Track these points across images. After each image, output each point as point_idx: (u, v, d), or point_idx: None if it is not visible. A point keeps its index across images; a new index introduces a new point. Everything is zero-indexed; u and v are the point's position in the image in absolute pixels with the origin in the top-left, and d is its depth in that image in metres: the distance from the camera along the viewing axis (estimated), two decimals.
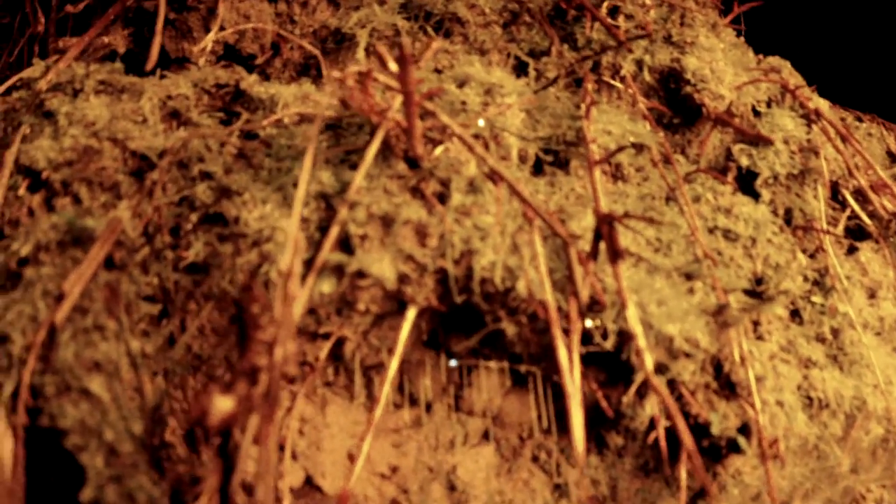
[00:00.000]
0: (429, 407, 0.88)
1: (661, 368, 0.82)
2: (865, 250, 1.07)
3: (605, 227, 0.76)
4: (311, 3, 1.02)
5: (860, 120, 1.23)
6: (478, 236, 0.74)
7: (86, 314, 0.65)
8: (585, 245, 0.82)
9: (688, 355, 0.82)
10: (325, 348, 0.83)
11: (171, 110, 0.85)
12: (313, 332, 0.82)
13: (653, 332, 0.78)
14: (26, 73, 0.92)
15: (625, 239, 0.87)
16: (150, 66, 0.85)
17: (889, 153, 1.18)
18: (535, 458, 0.91)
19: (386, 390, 0.77)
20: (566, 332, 0.72)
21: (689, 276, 0.87)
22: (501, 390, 0.89)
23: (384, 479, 0.86)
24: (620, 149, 0.78)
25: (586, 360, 0.80)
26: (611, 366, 0.83)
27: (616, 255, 0.74)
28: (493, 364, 0.83)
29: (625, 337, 0.76)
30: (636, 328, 0.70)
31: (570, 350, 0.71)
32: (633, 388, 0.81)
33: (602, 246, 0.77)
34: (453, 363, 0.84)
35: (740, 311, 0.86)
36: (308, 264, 0.73)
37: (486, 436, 0.90)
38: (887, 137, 1.19)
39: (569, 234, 0.78)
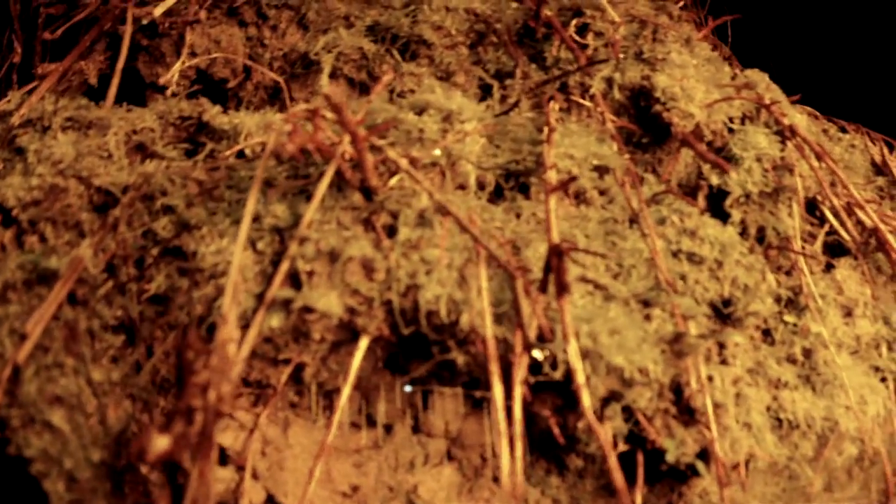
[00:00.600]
0: (389, 428, 0.91)
1: (615, 396, 0.83)
2: (843, 267, 1.06)
3: (555, 259, 0.77)
4: (281, 27, 1.04)
5: (844, 131, 1.21)
6: (423, 270, 0.76)
7: (47, 352, 0.69)
8: (538, 275, 0.83)
9: (644, 384, 0.83)
10: (285, 373, 0.86)
11: (136, 144, 0.88)
12: (273, 357, 0.86)
13: (603, 363, 0.79)
14: (1, 106, 0.96)
15: (581, 267, 0.88)
16: (109, 101, 0.88)
17: (873, 164, 1.15)
18: (496, 479, 0.94)
19: (338, 415, 0.80)
20: (509, 365, 0.74)
21: (646, 303, 0.87)
22: (460, 413, 0.91)
23: (345, 498, 0.89)
24: (573, 178, 0.79)
25: (540, 386, 0.82)
26: (565, 391, 0.84)
27: (562, 288, 0.75)
28: (447, 390, 0.86)
29: (574, 374, 0.78)
30: (576, 365, 0.71)
31: (510, 385, 0.72)
32: (584, 418, 0.83)
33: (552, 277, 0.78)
34: (408, 388, 0.87)
35: (699, 337, 0.86)
36: (260, 298, 0.76)
37: (448, 456, 0.93)
38: (871, 148, 1.16)
39: (517, 267, 0.79)
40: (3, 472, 0.72)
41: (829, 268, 1.07)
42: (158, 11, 1.02)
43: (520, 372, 0.75)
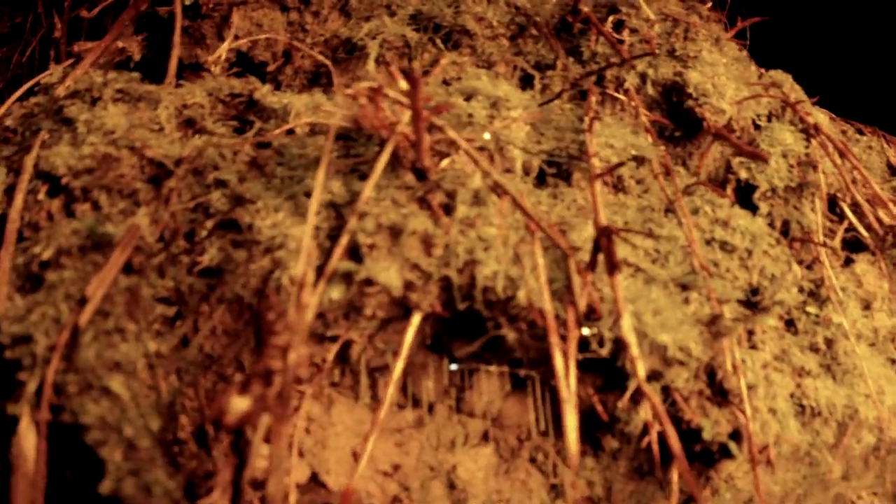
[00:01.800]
0: (431, 408, 0.93)
1: (655, 375, 0.87)
2: (861, 262, 1.11)
3: (604, 239, 0.81)
4: (323, 12, 1.06)
5: (861, 133, 1.27)
6: (481, 247, 0.79)
7: (107, 317, 0.70)
8: (585, 256, 0.87)
9: (681, 363, 0.86)
10: (332, 351, 0.88)
11: (186, 118, 0.90)
12: (321, 334, 0.87)
13: (647, 341, 0.83)
14: (44, 79, 0.96)
15: (624, 250, 0.92)
16: (168, 79, 0.90)
17: (889, 166, 1.22)
18: (532, 459, 0.96)
19: (391, 392, 0.82)
20: (563, 339, 0.77)
21: (684, 287, 0.91)
22: (501, 393, 0.93)
23: (386, 477, 0.91)
24: (620, 164, 0.82)
25: (583, 365, 0.85)
26: (607, 372, 0.87)
27: (613, 266, 0.79)
28: (493, 368, 0.88)
29: (620, 345, 0.81)
30: (630, 338, 0.74)
31: (566, 357, 0.75)
32: (627, 394, 0.86)
33: (600, 257, 0.82)
34: (454, 367, 0.89)
35: (734, 321, 0.90)
36: (319, 271, 0.78)
37: (485, 437, 0.95)
38: (888, 150, 1.23)
39: (569, 246, 0.82)
40: (56, 440, 0.72)
41: (848, 262, 1.13)
42: None
43: (573, 346, 0.78)
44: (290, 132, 0.92)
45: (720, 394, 0.93)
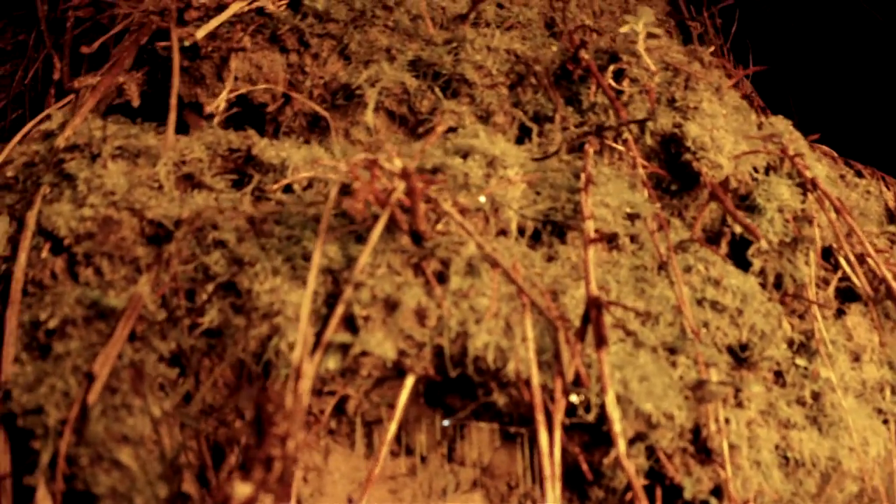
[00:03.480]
0: (424, 458, 0.99)
1: (640, 437, 0.93)
2: (853, 313, 1.16)
3: (594, 311, 0.86)
4: (322, 55, 1.09)
5: (860, 175, 1.31)
6: (473, 318, 0.84)
7: (114, 393, 0.76)
8: (576, 319, 0.92)
9: (666, 426, 0.92)
10: (329, 404, 0.94)
11: (185, 174, 0.94)
12: (319, 389, 0.93)
13: (632, 408, 0.88)
14: (43, 125, 1.01)
15: (616, 312, 0.96)
16: (168, 135, 0.93)
17: (888, 210, 1.26)
18: None
19: (385, 447, 0.88)
20: (549, 410, 0.83)
21: (672, 351, 0.97)
22: (492, 445, 1.00)
23: None
24: (612, 235, 0.87)
25: (571, 425, 0.90)
26: (593, 429, 0.93)
27: (601, 341, 0.84)
28: (484, 425, 0.94)
29: (605, 411, 0.87)
30: (613, 413, 0.80)
31: (551, 426, 0.81)
32: (610, 457, 0.92)
33: (591, 326, 0.87)
34: (447, 423, 0.95)
35: (720, 384, 0.96)
36: (317, 338, 0.83)
37: (475, 484, 1.02)
38: (886, 194, 1.26)
39: (559, 316, 0.87)
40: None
41: (840, 313, 1.18)
42: (201, 34, 1.07)
43: (559, 416, 0.84)
44: (289, 187, 0.96)
45: (703, 451, 0.98)
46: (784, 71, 1.57)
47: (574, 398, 0.87)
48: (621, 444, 0.80)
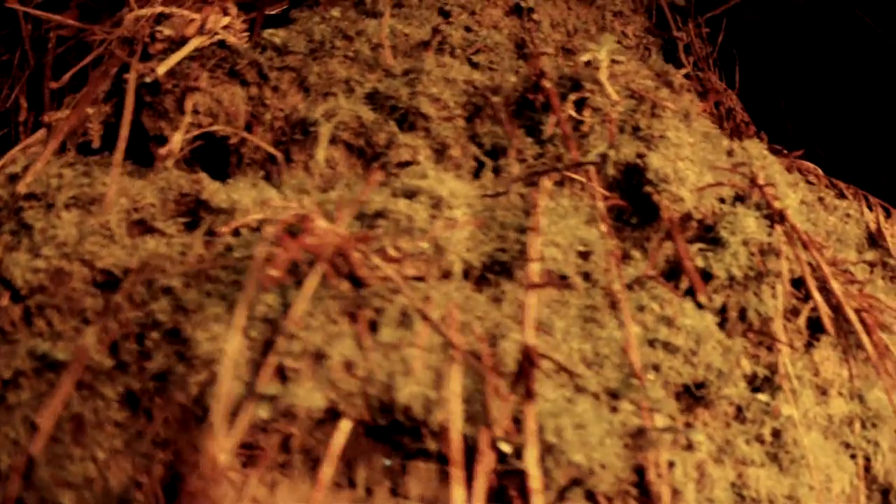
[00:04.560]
0: (369, 491, 1.03)
1: (576, 482, 0.94)
2: (823, 346, 1.14)
3: (526, 364, 0.87)
4: (282, 87, 1.11)
5: (842, 195, 1.26)
6: (401, 370, 0.87)
7: (57, 443, 0.82)
8: (514, 364, 0.93)
9: (601, 474, 0.94)
10: (274, 440, 0.99)
11: (137, 220, 0.98)
12: (263, 427, 0.98)
13: (564, 458, 0.90)
14: (8, 167, 1.06)
15: (560, 353, 0.97)
16: (113, 173, 0.97)
17: (869, 234, 1.21)
18: None
19: (321, 488, 0.92)
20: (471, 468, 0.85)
21: (615, 396, 0.97)
22: (437, 482, 1.03)
23: None
24: (556, 280, 0.87)
25: (507, 473, 0.93)
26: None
27: (528, 395, 0.85)
28: (422, 465, 0.98)
29: (530, 480, 0.89)
30: (531, 471, 0.82)
31: (471, 478, 0.84)
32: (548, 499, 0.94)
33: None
34: (387, 463, 0.99)
35: (662, 430, 0.96)
36: (250, 386, 0.88)
37: None
38: (868, 216, 1.21)
39: (490, 367, 0.89)
40: None
41: (810, 345, 1.15)
42: (161, 70, 1.09)
43: (485, 466, 0.86)
44: (237, 232, 1.00)
45: (647, 494, 1.00)
46: (776, 79, 1.51)
47: (506, 447, 0.89)
48: (538, 501, 0.82)
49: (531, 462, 0.82)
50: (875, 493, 1.18)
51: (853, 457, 1.16)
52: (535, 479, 0.82)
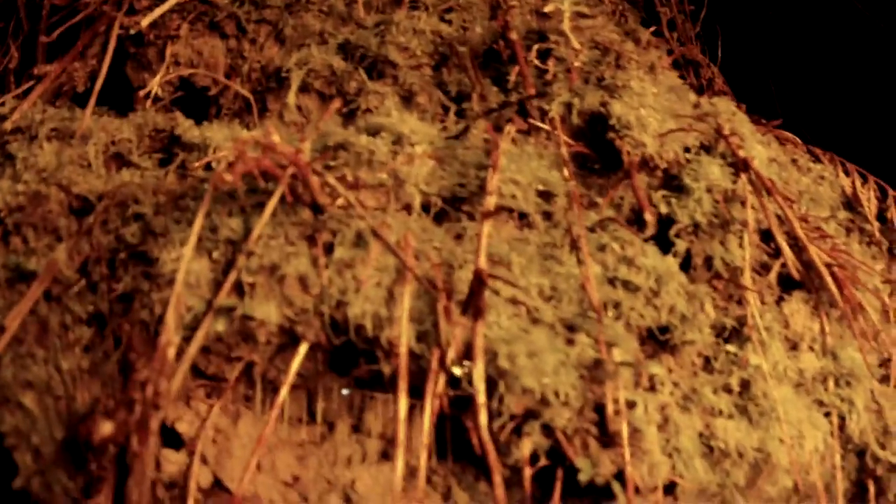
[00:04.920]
0: (331, 426, 1.05)
1: (532, 414, 0.95)
2: (794, 300, 1.13)
3: (476, 283, 0.89)
4: (259, 40, 1.17)
5: (817, 160, 1.27)
6: (353, 287, 0.89)
7: (21, 343, 0.86)
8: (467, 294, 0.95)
9: (562, 403, 0.94)
10: (236, 369, 1.01)
11: (114, 153, 1.03)
12: (227, 355, 1.01)
13: (518, 383, 0.91)
14: None
15: (515, 289, 0.99)
16: (87, 111, 1.03)
17: (844, 196, 1.21)
18: (429, 480, 1.07)
19: (276, 411, 0.94)
20: (424, 381, 0.87)
21: (571, 328, 0.98)
22: (396, 417, 1.04)
23: (287, 487, 1.04)
24: (505, 209, 0.90)
25: (462, 400, 0.94)
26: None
27: (477, 312, 0.87)
28: (380, 395, 0.99)
29: (491, 384, 0.90)
30: (478, 386, 0.83)
31: (423, 396, 0.85)
32: (505, 431, 0.95)
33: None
34: (345, 392, 1.01)
35: (620, 365, 0.97)
36: (209, 305, 0.91)
37: (383, 455, 1.07)
38: (843, 180, 1.22)
39: (442, 288, 0.91)
40: None
41: (780, 300, 1.15)
42: (145, 22, 1.16)
43: (433, 387, 0.88)
44: (209, 166, 1.04)
45: (607, 434, 1.00)
46: (765, 59, 1.53)
47: (458, 371, 0.90)
48: (483, 417, 0.83)
49: (478, 377, 0.84)
50: (850, 453, 1.16)
51: (827, 415, 1.15)
52: (480, 394, 0.83)
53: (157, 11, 1.16)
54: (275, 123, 1.14)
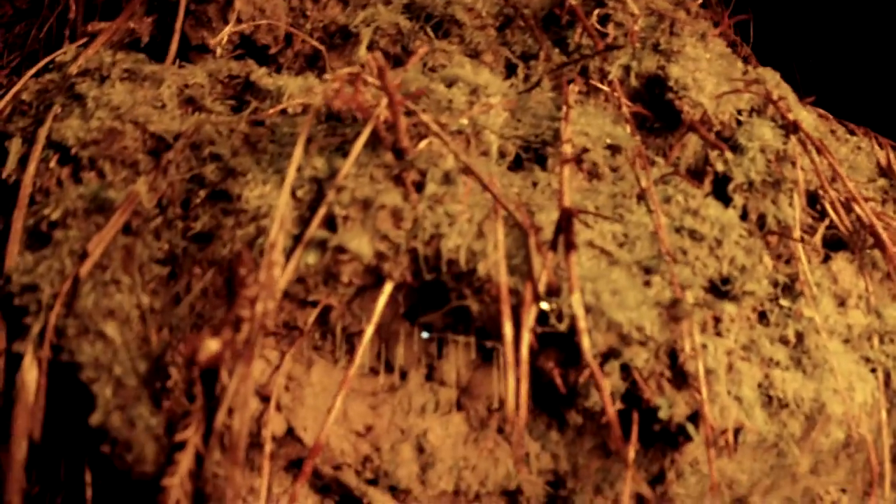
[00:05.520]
0: (404, 375, 1.05)
1: (613, 353, 0.97)
2: (839, 260, 1.20)
3: (564, 220, 0.91)
4: (322, 0, 1.19)
5: (852, 133, 1.35)
6: (447, 222, 0.91)
7: (105, 270, 0.84)
8: (551, 236, 0.98)
9: (640, 343, 0.97)
10: (312, 314, 1.01)
11: (187, 97, 1.03)
12: (302, 299, 1.00)
13: (604, 319, 0.93)
14: (58, 57, 1.11)
15: (591, 234, 1.02)
16: (169, 59, 1.03)
17: (879, 166, 1.30)
18: (500, 430, 1.08)
19: (360, 356, 0.94)
20: (519, 314, 0.88)
21: (648, 271, 1.01)
22: (471, 364, 1.05)
23: (359, 437, 1.03)
24: (584, 151, 0.93)
25: (546, 340, 0.95)
26: (568, 347, 0.98)
27: (569, 245, 0.89)
28: (461, 339, 1.00)
29: (577, 320, 0.92)
30: (578, 311, 0.85)
31: (519, 327, 0.87)
32: (585, 371, 0.97)
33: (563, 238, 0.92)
34: (425, 335, 1.01)
35: (694, 305, 1.00)
36: (298, 239, 0.91)
37: (457, 405, 1.07)
38: (878, 151, 1.30)
39: (531, 225, 0.93)
40: (54, 377, 0.86)
41: (826, 259, 1.21)
42: None
43: (528, 319, 0.89)
44: (283, 112, 1.05)
45: (680, 375, 1.02)
46: (790, 41, 1.63)
47: (545, 306, 0.92)
48: (586, 342, 0.85)
49: (577, 303, 0.86)
50: (895, 408, 1.21)
51: (873, 371, 1.20)
52: (582, 320, 0.85)
53: None
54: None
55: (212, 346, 0.73)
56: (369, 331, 0.94)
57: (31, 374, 0.80)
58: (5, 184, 1.03)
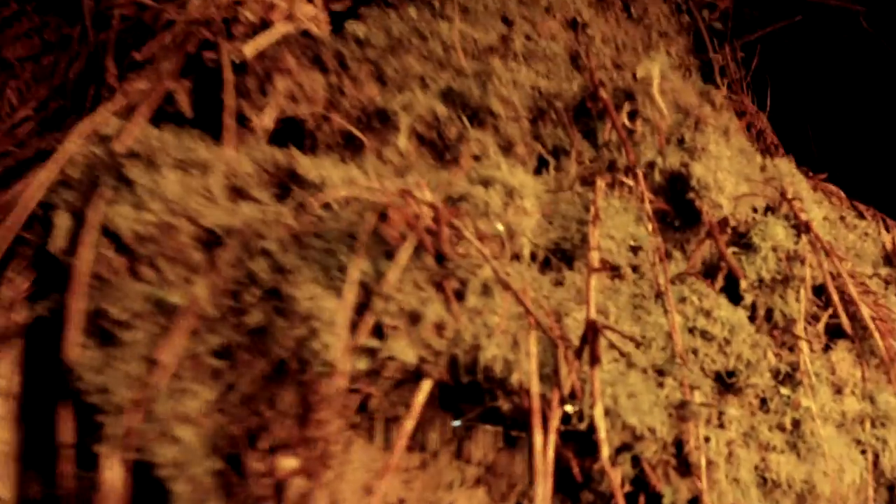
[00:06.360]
0: (435, 454, 1.27)
1: (626, 447, 1.21)
2: (839, 349, 1.44)
3: (590, 333, 1.14)
4: (360, 78, 1.37)
5: (861, 216, 1.58)
6: (485, 333, 1.12)
7: (177, 379, 1.04)
8: (576, 339, 1.20)
9: (651, 439, 1.20)
10: (355, 401, 1.22)
11: (234, 185, 1.22)
12: (347, 388, 1.22)
13: (620, 421, 1.17)
14: (101, 128, 1.28)
15: (612, 335, 1.24)
16: (227, 146, 1.21)
17: (885, 252, 1.53)
18: (519, 503, 1.32)
19: (402, 440, 1.16)
20: (545, 417, 1.11)
21: (661, 373, 1.25)
22: (495, 446, 1.28)
23: None
24: (612, 268, 1.15)
25: (563, 434, 1.19)
26: (586, 439, 1.21)
27: (594, 360, 1.12)
28: (489, 427, 1.22)
29: (598, 430, 1.15)
30: (599, 423, 1.08)
31: (545, 433, 1.09)
32: (599, 464, 1.20)
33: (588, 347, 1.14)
34: (457, 423, 1.23)
35: (701, 406, 1.24)
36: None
37: (479, 481, 1.30)
38: (884, 236, 1.54)
39: (560, 335, 1.15)
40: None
41: (828, 348, 1.46)
42: (249, 52, 1.34)
43: (554, 422, 1.12)
44: (328, 205, 1.24)
45: (684, 465, 1.27)
46: (803, 105, 1.84)
47: (569, 408, 1.15)
48: (605, 449, 1.08)
49: (599, 415, 1.09)
50: (882, 487, 1.48)
51: (863, 452, 1.46)
52: (602, 430, 1.08)
53: (263, 41, 1.34)
54: (373, 162, 1.35)
55: (289, 464, 0.95)
56: (409, 423, 1.16)
57: (115, 474, 1.00)
58: (53, 257, 1.22)
